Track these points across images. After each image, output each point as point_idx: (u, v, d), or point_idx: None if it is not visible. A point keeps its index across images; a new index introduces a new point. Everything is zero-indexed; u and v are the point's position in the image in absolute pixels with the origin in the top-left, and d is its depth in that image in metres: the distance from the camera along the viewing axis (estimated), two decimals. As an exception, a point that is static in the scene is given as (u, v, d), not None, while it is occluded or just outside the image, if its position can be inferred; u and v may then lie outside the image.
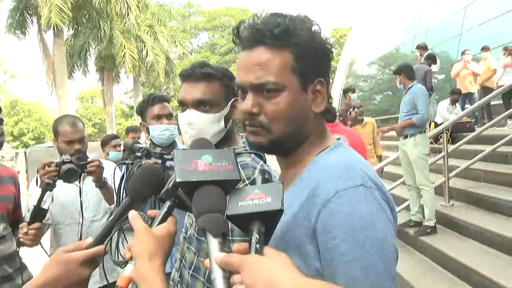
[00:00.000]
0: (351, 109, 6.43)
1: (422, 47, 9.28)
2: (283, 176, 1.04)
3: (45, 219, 2.20)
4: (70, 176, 2.18)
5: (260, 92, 0.92)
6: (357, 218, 0.80)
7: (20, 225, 2.10)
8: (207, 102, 1.47)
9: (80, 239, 2.44)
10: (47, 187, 2.08)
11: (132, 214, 0.91)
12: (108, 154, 5.06)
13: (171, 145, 2.49)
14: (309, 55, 0.93)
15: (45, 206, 2.09)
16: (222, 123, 1.49)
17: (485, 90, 8.64)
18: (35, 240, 2.09)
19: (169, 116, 2.48)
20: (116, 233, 0.97)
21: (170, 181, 0.89)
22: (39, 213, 2.07)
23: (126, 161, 2.23)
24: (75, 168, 2.18)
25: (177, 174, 0.81)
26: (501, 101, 8.12)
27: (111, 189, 2.53)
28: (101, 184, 2.45)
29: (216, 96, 1.48)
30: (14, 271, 2.15)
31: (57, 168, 2.17)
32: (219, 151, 0.88)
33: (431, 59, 8.42)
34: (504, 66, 8.44)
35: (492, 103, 7.95)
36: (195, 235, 1.40)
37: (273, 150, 1.01)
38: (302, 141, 0.97)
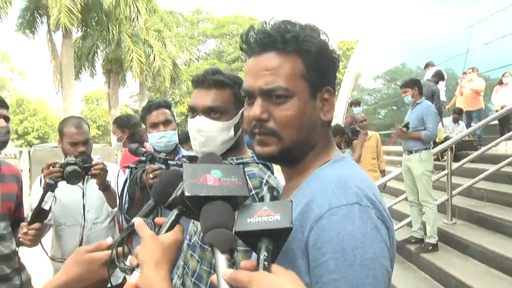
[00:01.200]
0: (349, 127, 6.43)
1: (430, 65, 9.30)
2: (286, 187, 1.03)
3: (47, 219, 2.20)
4: (74, 178, 2.18)
5: (269, 98, 0.91)
6: (348, 236, 0.78)
7: (20, 225, 2.10)
8: (217, 109, 1.47)
9: (82, 241, 2.44)
10: (49, 188, 2.09)
11: (138, 221, 0.90)
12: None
13: (175, 150, 2.49)
14: (319, 63, 0.92)
15: (46, 207, 2.10)
16: (232, 132, 1.49)
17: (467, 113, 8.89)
18: (35, 241, 2.09)
19: (166, 123, 2.45)
20: (123, 239, 0.97)
21: (178, 190, 0.88)
22: (40, 213, 2.08)
23: (130, 165, 2.22)
24: (79, 170, 2.19)
25: (186, 188, 0.80)
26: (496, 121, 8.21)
27: (114, 192, 2.53)
28: (104, 187, 2.45)
29: (226, 104, 1.47)
30: (12, 271, 2.14)
31: (61, 169, 2.18)
32: (229, 167, 0.88)
33: (439, 76, 8.40)
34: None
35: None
36: (199, 242, 1.40)
37: (281, 160, 0.98)
38: (308, 150, 0.96)
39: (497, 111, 8.24)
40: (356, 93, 22.15)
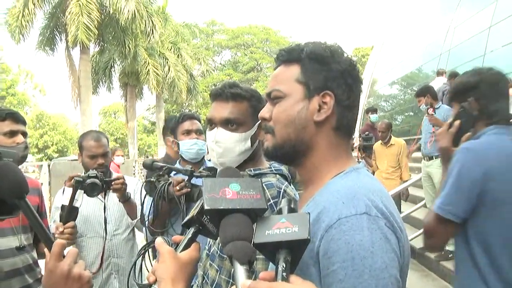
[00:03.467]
0: (363, 135, 6.29)
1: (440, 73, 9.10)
2: (302, 196, 1.06)
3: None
4: (92, 190, 2.24)
5: (271, 100, 1.05)
6: (356, 246, 0.79)
7: (55, 225, 2.18)
8: (235, 121, 1.51)
9: (103, 253, 2.49)
10: (78, 185, 2.18)
11: (159, 239, 0.93)
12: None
13: (200, 162, 2.53)
14: (318, 69, 1.00)
15: (77, 205, 2.21)
16: (249, 143, 1.52)
17: None
18: (71, 239, 2.16)
19: (198, 132, 2.52)
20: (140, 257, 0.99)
21: (195, 209, 0.91)
22: (72, 211, 2.16)
23: (151, 179, 2.27)
24: (98, 183, 2.24)
25: (205, 202, 0.83)
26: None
27: (134, 204, 2.58)
28: (125, 199, 2.50)
29: (243, 115, 1.51)
30: (34, 282, 2.19)
31: (83, 180, 2.24)
32: (247, 180, 0.90)
33: (454, 77, 8.21)
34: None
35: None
36: (218, 252, 1.42)
37: (276, 156, 1.05)
38: (304, 151, 1.00)
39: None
40: (372, 99, 22.01)
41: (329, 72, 0.99)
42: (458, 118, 1.89)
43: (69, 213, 2.16)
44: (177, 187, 2.13)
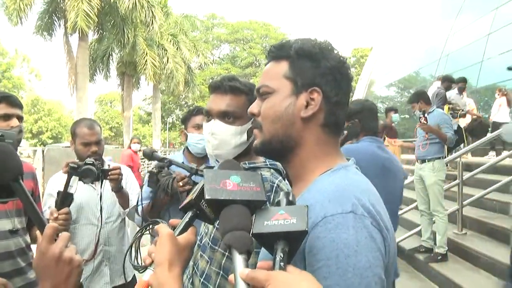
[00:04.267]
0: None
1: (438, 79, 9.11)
2: (292, 192, 1.06)
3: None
4: (86, 175, 2.24)
5: (260, 96, 1.05)
6: (341, 245, 0.80)
7: (50, 211, 2.18)
8: (232, 114, 1.52)
9: (98, 241, 2.51)
10: (73, 171, 2.18)
11: (160, 224, 0.94)
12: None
13: (204, 158, 2.53)
14: (307, 65, 1.00)
15: (72, 191, 2.19)
16: (245, 136, 1.53)
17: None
18: (65, 225, 2.15)
19: None
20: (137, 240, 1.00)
21: (193, 193, 0.92)
22: (66, 197, 2.15)
23: (153, 170, 2.28)
24: (92, 170, 2.24)
25: (206, 192, 0.84)
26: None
27: (126, 194, 2.59)
28: (118, 189, 2.51)
29: (240, 109, 1.52)
30: (26, 265, 2.19)
31: (78, 167, 2.25)
32: (247, 173, 0.91)
33: (447, 81, 8.22)
34: (499, 105, 8.99)
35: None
36: (210, 244, 1.43)
37: (266, 152, 1.07)
38: (292, 146, 1.00)
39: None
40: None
41: (318, 69, 0.99)
42: (346, 130, 2.85)
43: (64, 199, 2.16)
44: (181, 183, 2.14)
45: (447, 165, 5.82)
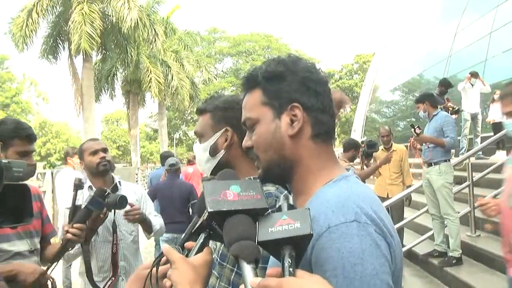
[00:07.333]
0: (366, 141, 6.30)
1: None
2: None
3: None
4: (121, 205, 2.29)
5: (249, 129, 1.07)
6: (347, 253, 0.80)
7: (62, 226, 2.24)
8: (199, 133, 1.65)
9: (117, 258, 2.56)
10: (77, 188, 2.30)
11: (166, 247, 0.94)
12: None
13: None
14: (278, 86, 1.01)
15: (78, 203, 2.27)
16: (207, 153, 1.59)
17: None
18: (81, 236, 2.15)
19: None
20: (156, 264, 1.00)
21: (204, 215, 0.92)
22: (76, 211, 2.22)
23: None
24: (101, 202, 2.24)
25: (208, 205, 0.84)
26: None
27: (149, 221, 2.70)
28: (141, 221, 2.60)
29: (203, 128, 1.62)
30: None
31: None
32: (246, 182, 0.91)
33: (442, 84, 8.20)
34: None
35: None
36: (218, 260, 1.43)
37: (271, 179, 1.09)
38: (291, 166, 1.01)
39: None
40: (374, 106, 22.04)
41: (289, 85, 1.01)
42: None
43: (73, 212, 2.22)
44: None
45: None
